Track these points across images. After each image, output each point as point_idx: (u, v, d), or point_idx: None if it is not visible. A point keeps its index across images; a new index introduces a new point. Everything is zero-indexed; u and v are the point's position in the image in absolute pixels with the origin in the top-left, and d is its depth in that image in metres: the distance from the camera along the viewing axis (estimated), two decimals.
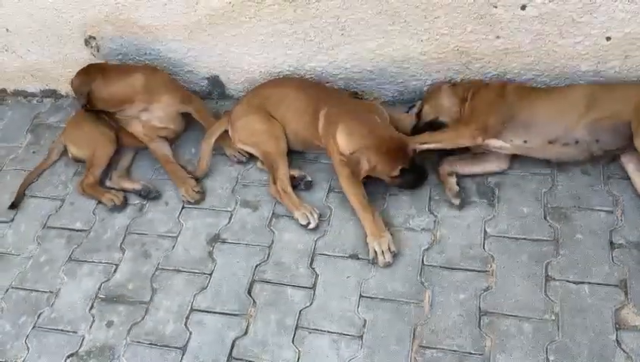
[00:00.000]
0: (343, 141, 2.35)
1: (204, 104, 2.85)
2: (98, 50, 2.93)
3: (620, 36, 2.28)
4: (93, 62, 2.96)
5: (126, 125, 2.71)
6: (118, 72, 2.67)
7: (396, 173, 2.30)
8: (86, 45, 2.92)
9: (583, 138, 2.19)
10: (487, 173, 2.40)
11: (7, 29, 2.95)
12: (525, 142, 2.26)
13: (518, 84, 2.41)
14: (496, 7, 2.28)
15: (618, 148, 2.21)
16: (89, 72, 2.61)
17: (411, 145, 2.32)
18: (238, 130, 2.63)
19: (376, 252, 2.21)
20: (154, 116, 2.69)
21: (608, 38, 2.30)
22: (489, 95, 2.34)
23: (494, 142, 2.30)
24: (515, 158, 2.40)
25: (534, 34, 2.34)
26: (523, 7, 2.26)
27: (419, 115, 2.55)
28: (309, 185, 2.54)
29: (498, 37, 2.40)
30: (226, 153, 2.71)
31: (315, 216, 2.39)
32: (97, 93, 2.58)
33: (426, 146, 2.34)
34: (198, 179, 2.64)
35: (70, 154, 2.81)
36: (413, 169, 2.32)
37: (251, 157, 2.68)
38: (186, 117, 2.83)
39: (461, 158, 2.41)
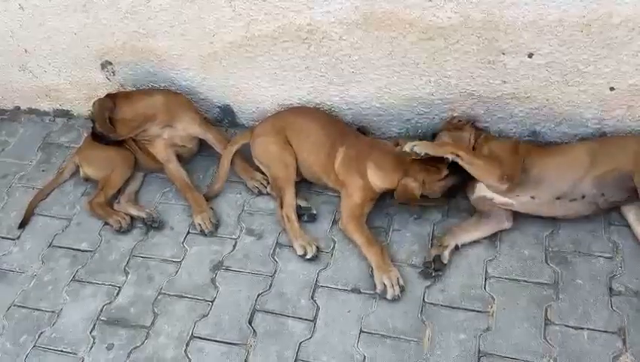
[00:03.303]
0: (377, 177, 2.39)
1: (222, 132, 2.92)
2: (113, 75, 3.00)
3: (623, 87, 2.35)
4: (107, 85, 3.04)
5: (148, 145, 2.78)
6: (139, 93, 2.81)
7: (445, 173, 2.32)
8: (102, 69, 2.99)
9: (590, 192, 2.22)
10: (490, 235, 2.37)
11: (25, 50, 3.03)
12: (533, 197, 2.27)
13: (527, 143, 2.45)
14: (504, 53, 2.35)
15: (623, 200, 2.25)
16: (110, 96, 2.71)
17: (444, 151, 2.27)
18: (256, 146, 2.70)
19: (385, 286, 2.22)
20: (176, 134, 2.77)
21: (612, 88, 2.36)
22: (506, 146, 2.36)
23: (500, 198, 2.31)
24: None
25: (540, 81, 2.41)
26: (530, 55, 2.33)
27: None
28: (312, 218, 2.57)
29: (505, 82, 2.46)
30: (247, 185, 2.74)
31: (314, 247, 2.42)
32: (121, 115, 2.67)
33: (458, 159, 2.25)
34: (208, 199, 2.68)
35: (82, 174, 2.84)
36: (455, 168, 2.32)
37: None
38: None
39: (462, 227, 2.38)
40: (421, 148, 2.28)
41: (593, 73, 2.33)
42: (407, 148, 2.29)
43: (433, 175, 2.33)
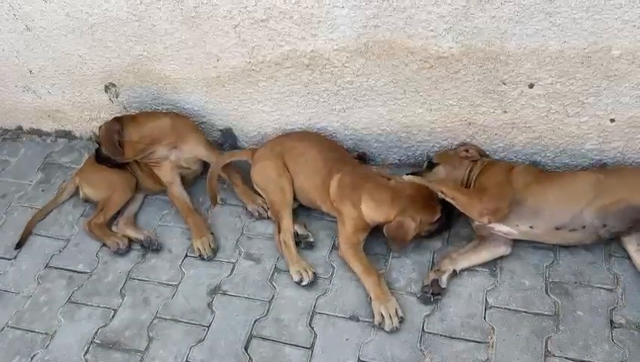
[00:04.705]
0: (370, 210, 2.37)
1: None
2: (117, 97, 3.02)
3: (623, 119, 2.36)
4: (110, 107, 3.06)
5: (155, 167, 2.78)
6: (146, 115, 2.82)
7: (438, 216, 2.34)
8: (105, 91, 3.01)
9: (591, 223, 2.21)
10: (489, 261, 2.36)
11: (30, 71, 3.05)
12: (531, 227, 2.26)
13: (524, 167, 2.41)
14: (504, 83, 2.37)
15: (624, 230, 2.24)
16: (117, 119, 2.72)
17: (432, 187, 2.33)
18: (254, 171, 2.71)
19: (383, 316, 2.20)
20: (182, 156, 2.78)
21: (612, 120, 2.38)
22: (497, 175, 2.35)
23: (500, 227, 2.30)
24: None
25: (541, 111, 2.43)
26: (531, 86, 2.35)
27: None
28: (309, 246, 2.55)
29: (505, 111, 2.48)
30: (248, 208, 2.74)
31: (310, 273, 2.40)
32: (127, 137, 2.67)
33: (442, 195, 2.30)
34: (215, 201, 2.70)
35: (82, 195, 2.85)
36: (445, 207, 2.34)
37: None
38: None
39: (460, 252, 2.37)
40: (410, 179, 2.35)
41: (593, 105, 2.35)
42: (403, 177, 2.36)
43: (428, 216, 2.33)
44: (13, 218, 2.91)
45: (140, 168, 2.82)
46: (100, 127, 2.73)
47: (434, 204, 2.34)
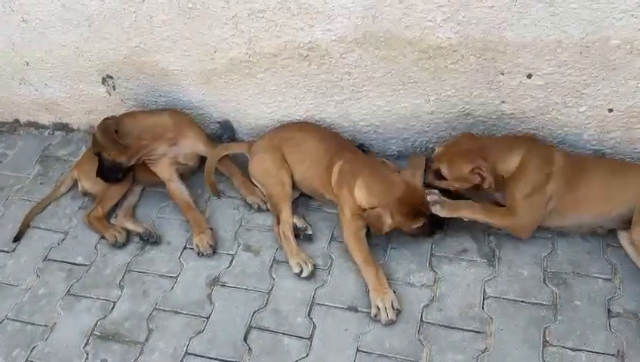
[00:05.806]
0: (362, 195, 2.35)
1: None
2: (114, 89, 3.01)
3: (622, 109, 2.36)
4: (108, 99, 3.05)
5: (153, 165, 2.76)
6: (145, 112, 2.83)
7: (418, 225, 2.32)
8: (102, 83, 3.00)
9: (589, 225, 2.30)
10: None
11: (27, 63, 3.04)
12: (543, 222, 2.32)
13: (565, 156, 2.33)
14: (503, 74, 2.37)
15: (618, 227, 2.29)
16: (114, 117, 2.69)
17: (457, 214, 2.31)
18: (252, 163, 2.71)
19: (379, 308, 2.21)
20: (181, 152, 2.78)
21: (611, 110, 2.38)
22: (531, 183, 2.25)
23: None
24: None
25: (539, 101, 2.42)
26: (529, 76, 2.35)
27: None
28: (308, 238, 2.55)
29: (504, 102, 2.48)
30: (247, 200, 2.74)
31: (310, 265, 2.41)
32: (129, 133, 2.63)
33: (471, 218, 2.31)
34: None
35: (80, 188, 2.84)
36: (432, 219, 2.34)
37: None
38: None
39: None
40: (438, 209, 2.31)
41: (592, 95, 2.34)
42: (429, 198, 2.32)
43: (407, 222, 2.31)
44: (11, 211, 2.90)
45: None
46: (94, 135, 2.66)
47: (419, 213, 2.30)
